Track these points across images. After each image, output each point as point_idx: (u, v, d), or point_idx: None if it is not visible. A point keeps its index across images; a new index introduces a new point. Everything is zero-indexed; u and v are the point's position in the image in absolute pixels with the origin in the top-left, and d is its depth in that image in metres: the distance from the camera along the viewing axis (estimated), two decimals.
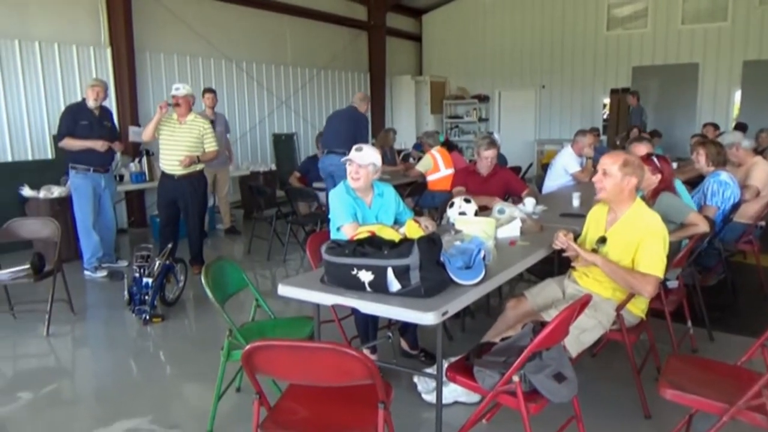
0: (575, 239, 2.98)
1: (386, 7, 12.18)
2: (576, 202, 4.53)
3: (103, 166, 5.48)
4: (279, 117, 10.36)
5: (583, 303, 2.28)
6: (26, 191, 6.10)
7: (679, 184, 3.93)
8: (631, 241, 2.76)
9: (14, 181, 6.19)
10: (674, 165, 5.32)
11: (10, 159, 6.58)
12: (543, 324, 2.30)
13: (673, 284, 3.48)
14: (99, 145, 5.30)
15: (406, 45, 13.69)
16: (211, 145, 5.29)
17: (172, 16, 8.22)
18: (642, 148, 4.29)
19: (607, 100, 12.03)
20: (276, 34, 10.16)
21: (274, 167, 9.40)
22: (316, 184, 6.62)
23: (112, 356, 3.92)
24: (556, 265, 3.84)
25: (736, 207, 4.29)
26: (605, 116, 12.11)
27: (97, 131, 5.34)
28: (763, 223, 4.86)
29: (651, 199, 3.55)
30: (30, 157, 6.76)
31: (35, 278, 4.16)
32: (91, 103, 5.32)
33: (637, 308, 2.92)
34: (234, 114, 9.23)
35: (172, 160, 5.17)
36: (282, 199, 7.78)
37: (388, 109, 13.16)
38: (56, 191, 6.04)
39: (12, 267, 4.20)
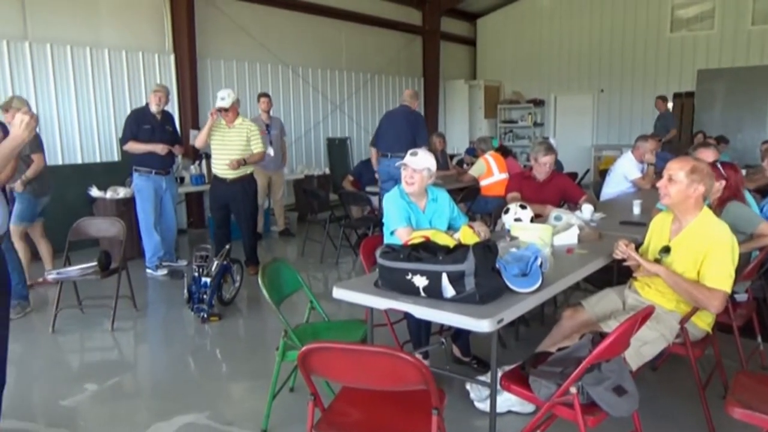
0: (636, 249, 2.88)
1: (441, 11, 12.15)
2: (636, 210, 4.38)
3: (165, 168, 5.69)
4: (333, 121, 10.49)
5: (646, 314, 2.20)
6: (94, 192, 6.41)
7: (747, 194, 3.75)
8: (697, 252, 2.65)
9: (84, 182, 6.51)
10: (743, 173, 5.07)
11: (80, 161, 6.93)
12: (602, 335, 2.24)
13: (741, 297, 3.31)
14: (160, 148, 5.51)
15: (461, 49, 13.62)
16: (257, 147, 5.41)
17: (232, 23, 8.46)
18: (708, 155, 4.10)
19: (670, 105, 11.59)
20: (331, 39, 10.31)
21: (327, 171, 9.53)
22: (369, 188, 6.67)
23: (171, 352, 4.05)
24: (615, 274, 3.73)
25: None
26: None
27: (159, 135, 5.56)
28: None
29: (718, 207, 3.39)
30: (98, 160, 7.09)
31: (102, 275, 4.35)
32: (153, 108, 5.54)
33: (703, 321, 2.80)
34: (289, 118, 9.40)
35: (223, 164, 5.33)
36: (335, 202, 7.87)
37: (441, 113, 13.12)
38: (121, 192, 6.32)
39: (80, 264, 4.41)
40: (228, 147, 5.31)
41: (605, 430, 2.25)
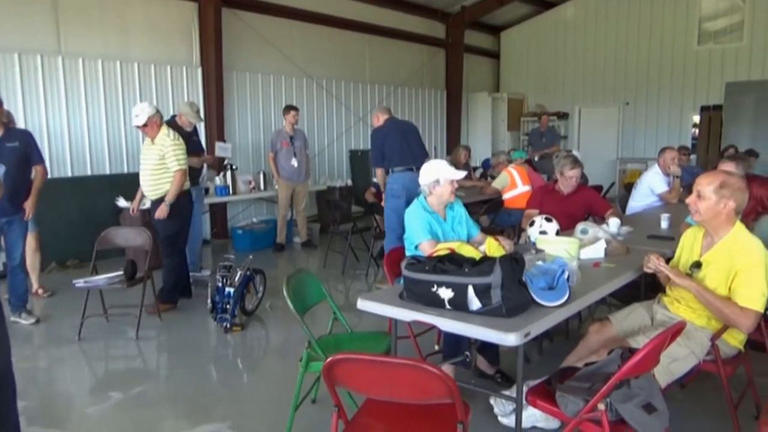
0: (666, 263, 2.83)
1: (465, 24, 12.18)
2: (665, 224, 4.30)
3: (194, 179, 5.77)
4: (356, 133, 10.54)
5: (677, 330, 2.16)
6: (121, 202, 6.50)
7: None
8: (730, 269, 2.58)
9: (112, 192, 6.62)
10: None
11: (108, 172, 7.06)
12: (631, 350, 2.19)
13: None
14: (195, 162, 5.59)
15: (484, 62, 13.62)
16: (173, 164, 4.77)
17: (257, 36, 8.59)
18: (730, 167, 4.00)
19: (697, 118, 11.43)
20: (355, 52, 10.40)
21: (350, 183, 9.57)
22: None
23: (194, 361, 4.07)
24: (643, 289, 3.66)
25: None
26: (695, 135, 11.50)
27: (190, 148, 5.63)
28: None
29: (750, 221, 3.32)
30: (126, 170, 7.21)
31: (128, 284, 4.41)
32: (188, 128, 5.64)
33: (735, 339, 2.72)
34: (313, 130, 9.48)
35: (143, 183, 4.97)
36: (357, 213, 7.89)
37: (464, 126, 13.11)
38: (148, 202, 6.39)
39: (107, 273, 4.48)
40: (145, 164, 4.90)
41: None
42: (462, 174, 3.52)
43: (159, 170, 4.82)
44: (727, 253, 2.62)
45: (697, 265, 2.69)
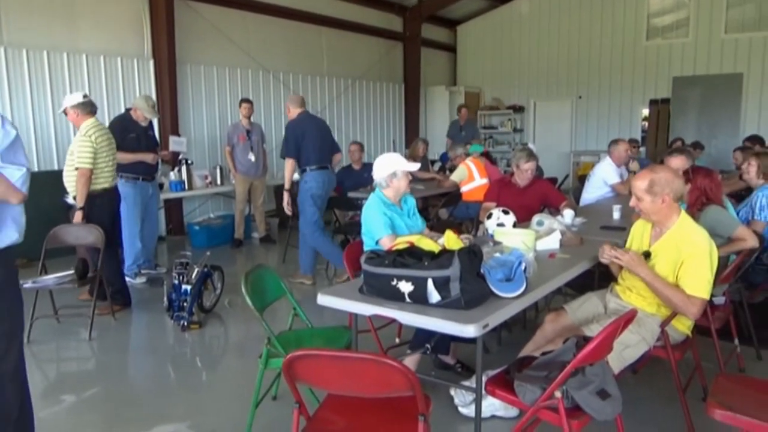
0: None
1: (422, 18, 12.22)
2: (617, 215, 4.43)
3: (151, 174, 5.64)
4: None
5: (629, 318, 2.23)
6: (70, 199, 6.26)
7: (725, 198, 3.82)
8: (677, 258, 2.68)
9: (60, 188, 6.36)
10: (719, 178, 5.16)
11: (56, 167, 6.80)
12: (586, 339, 2.26)
13: (719, 300, 3.37)
14: (150, 158, 5.46)
15: (441, 56, 13.70)
16: (77, 161, 4.48)
17: (212, 28, 8.40)
18: (676, 162, 4.14)
19: (646, 111, 11.80)
20: (313, 45, 10.30)
21: None
22: (351, 194, 6.65)
23: (151, 361, 3.99)
24: (597, 278, 3.77)
25: None
26: (644, 127, 11.88)
27: (145, 143, 5.50)
28: None
29: (696, 210, 3.45)
30: None
31: (79, 284, 4.26)
32: (143, 123, 5.51)
33: (683, 325, 2.83)
34: (270, 124, 9.35)
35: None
36: None
37: (422, 119, 13.17)
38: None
39: (57, 272, 4.32)
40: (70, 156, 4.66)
41: None
42: (417, 165, 3.58)
43: (71, 166, 4.57)
44: (674, 243, 2.72)
45: (647, 254, 2.78)
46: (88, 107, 4.65)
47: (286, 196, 5.36)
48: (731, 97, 10.75)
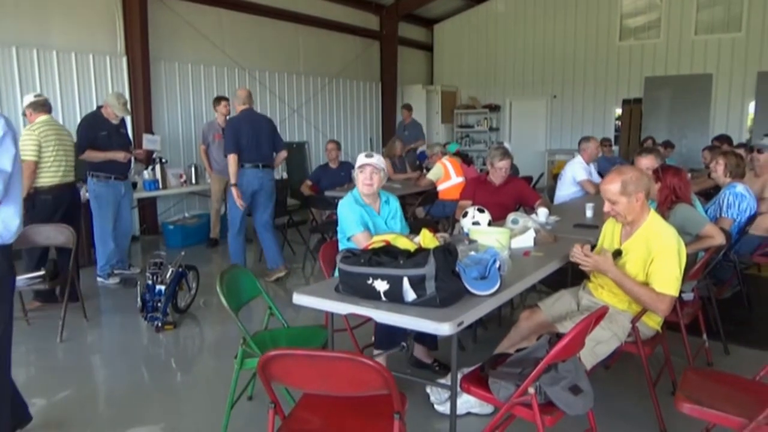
0: (590, 251, 2.96)
1: (398, 17, 12.25)
2: (589, 213, 4.50)
3: (123, 173, 5.54)
4: (291, 125, 10.41)
5: (600, 315, 2.27)
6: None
7: (693, 196, 3.91)
8: (647, 255, 2.74)
9: None
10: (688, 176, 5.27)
11: None
12: (559, 335, 2.29)
13: (688, 296, 3.45)
14: (122, 156, 5.36)
15: (418, 54, 13.74)
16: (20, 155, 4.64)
17: (187, 25, 8.31)
18: (645, 162, 4.20)
19: (619, 111, 11.99)
20: (289, 43, 10.25)
21: (285, 175, 9.45)
22: (328, 192, 6.64)
23: (124, 363, 3.93)
24: (570, 276, 3.83)
25: (751, 219, 4.25)
26: (618, 126, 12.07)
27: (117, 141, 5.40)
28: None
29: (665, 209, 3.53)
30: None
31: (50, 284, 4.19)
32: (114, 121, 5.39)
33: (653, 321, 2.89)
34: None
35: None
36: (293, 207, 7.81)
37: (399, 118, 13.17)
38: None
39: (28, 273, 4.24)
40: None
41: (562, 428, 2.31)
42: (374, 159, 3.38)
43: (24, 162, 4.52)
44: (644, 241, 2.78)
45: (618, 252, 2.84)
46: (40, 106, 4.75)
47: (233, 191, 5.44)
48: (701, 97, 11.00)
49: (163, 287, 4.34)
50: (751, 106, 10.71)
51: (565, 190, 6.03)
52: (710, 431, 2.48)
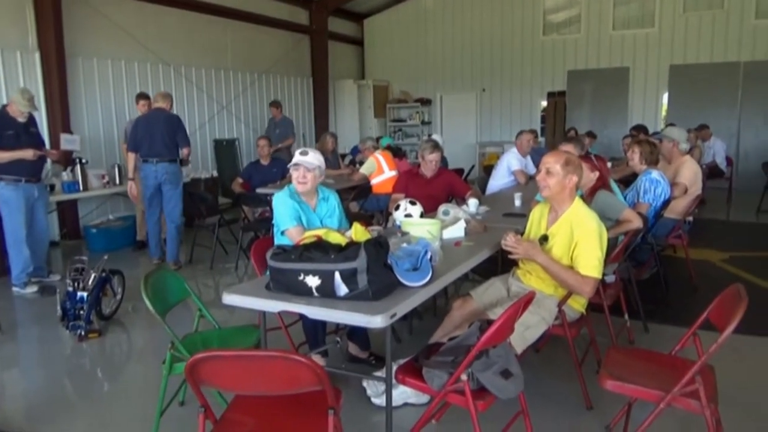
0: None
1: (328, 11, 12.15)
2: (518, 202, 4.63)
3: (35, 175, 5.20)
4: (220, 122, 10.14)
5: (528, 300, 2.33)
6: None
7: (613, 183, 4.09)
8: (571, 240, 2.84)
9: None
10: (609, 164, 5.52)
11: None
12: (490, 322, 2.34)
13: (610, 279, 3.60)
14: (30, 154, 5.00)
15: (348, 49, 13.69)
16: None
17: (105, 19, 7.91)
18: (570, 148, 4.36)
19: (545, 103, 12.40)
20: (216, 38, 9.96)
21: (215, 173, 9.20)
22: (259, 190, 6.51)
23: (45, 376, 3.72)
24: (500, 263, 3.92)
25: (666, 204, 4.49)
26: (544, 119, 12.48)
27: (26, 140, 5.05)
28: (691, 218, 5.12)
29: (589, 197, 3.67)
30: None
31: None
32: (21, 119, 5.03)
33: (578, 303, 3.01)
34: None
35: None
36: (224, 205, 7.62)
37: (332, 113, 13.12)
38: None
39: None
40: None
41: (495, 412, 2.36)
42: (308, 158, 3.30)
43: None
44: (568, 226, 2.88)
45: (545, 238, 2.93)
46: None
47: (129, 185, 6.00)
48: (619, 89, 11.54)
49: (85, 294, 4.13)
50: (665, 97, 11.34)
51: (500, 179, 6.21)
52: (633, 405, 2.60)
